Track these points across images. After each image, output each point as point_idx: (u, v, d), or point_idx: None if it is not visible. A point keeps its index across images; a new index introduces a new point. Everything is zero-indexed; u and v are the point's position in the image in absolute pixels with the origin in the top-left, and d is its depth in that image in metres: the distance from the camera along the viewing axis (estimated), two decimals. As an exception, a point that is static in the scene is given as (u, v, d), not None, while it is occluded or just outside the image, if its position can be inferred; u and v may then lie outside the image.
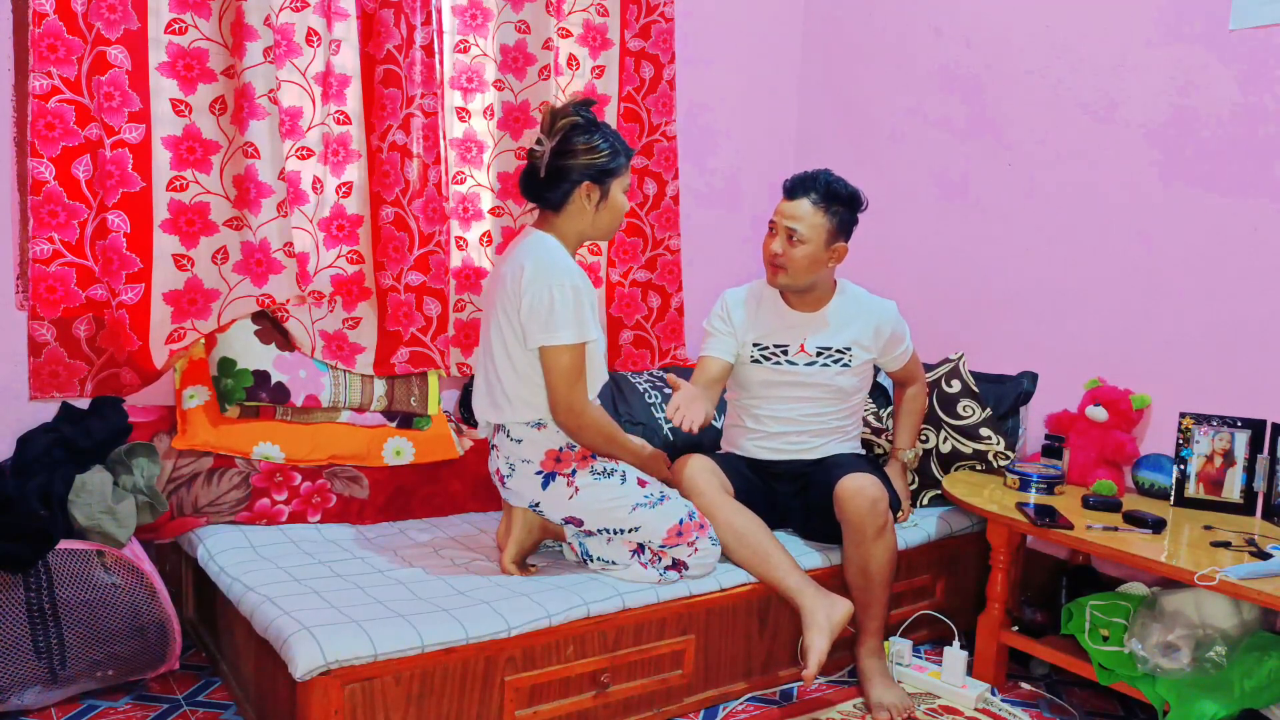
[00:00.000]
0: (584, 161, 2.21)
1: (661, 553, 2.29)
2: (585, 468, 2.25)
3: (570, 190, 2.23)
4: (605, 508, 2.25)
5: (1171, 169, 2.71)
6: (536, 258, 2.18)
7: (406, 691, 1.94)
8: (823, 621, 2.26)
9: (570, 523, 2.30)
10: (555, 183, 2.22)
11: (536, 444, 2.24)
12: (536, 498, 2.27)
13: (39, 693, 2.16)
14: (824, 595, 2.31)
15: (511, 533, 2.34)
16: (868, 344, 2.62)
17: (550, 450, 2.24)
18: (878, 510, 2.35)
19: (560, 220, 2.27)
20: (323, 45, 2.70)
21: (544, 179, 2.22)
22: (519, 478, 2.27)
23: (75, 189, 2.46)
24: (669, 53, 3.26)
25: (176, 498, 2.46)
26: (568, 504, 2.26)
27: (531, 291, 2.14)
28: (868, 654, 2.40)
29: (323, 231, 2.80)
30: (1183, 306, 2.69)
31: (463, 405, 3.11)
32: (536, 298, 2.14)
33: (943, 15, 3.26)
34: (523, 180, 2.29)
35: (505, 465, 2.29)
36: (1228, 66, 2.58)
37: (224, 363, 2.59)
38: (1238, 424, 2.52)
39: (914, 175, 3.37)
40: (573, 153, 2.21)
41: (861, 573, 2.37)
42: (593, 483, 2.25)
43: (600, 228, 2.31)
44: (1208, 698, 2.11)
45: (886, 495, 2.39)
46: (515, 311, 2.18)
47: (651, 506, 2.28)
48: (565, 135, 2.21)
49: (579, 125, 2.22)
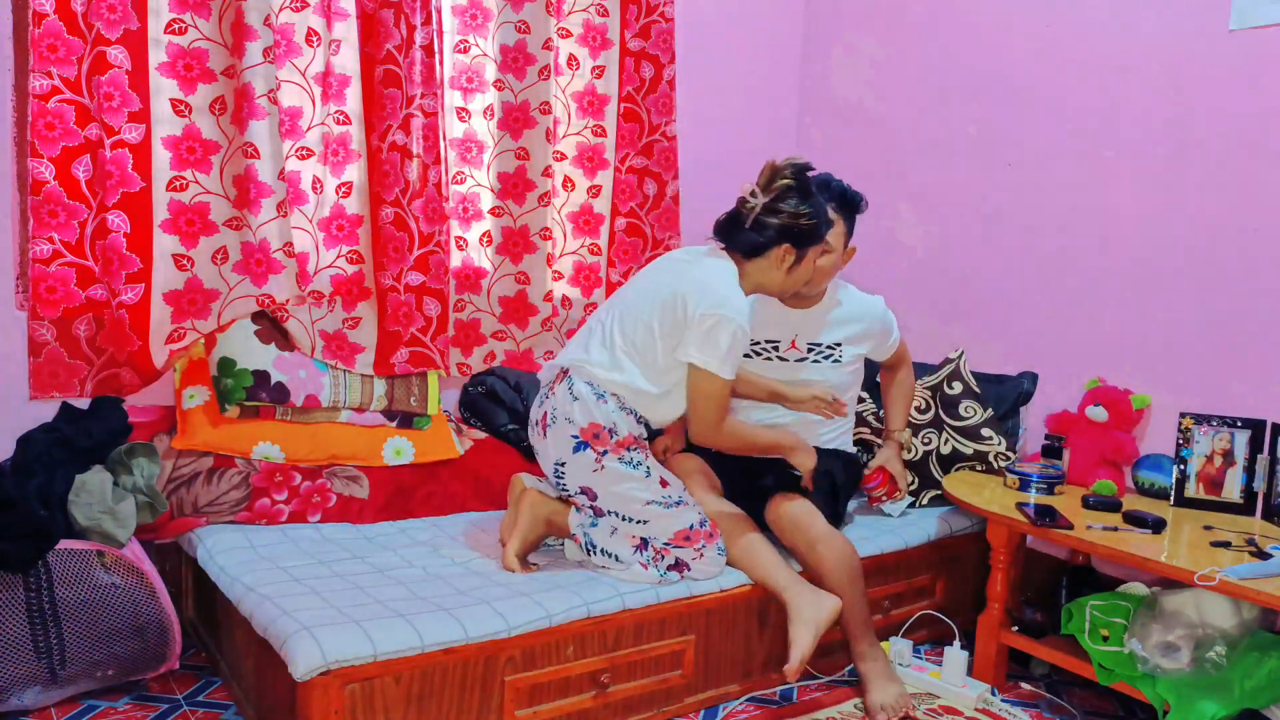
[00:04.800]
0: (790, 224, 2.29)
1: (665, 550, 2.30)
2: (616, 454, 2.28)
3: (768, 246, 2.31)
4: (621, 491, 2.28)
5: (1171, 169, 2.71)
6: (729, 286, 2.28)
7: (406, 691, 1.94)
8: (808, 617, 2.28)
9: (584, 493, 2.32)
10: (756, 233, 2.30)
11: (589, 411, 2.27)
12: (564, 458, 2.30)
13: (39, 693, 2.16)
14: (811, 591, 2.33)
15: (518, 523, 2.36)
16: (858, 340, 2.66)
17: (595, 424, 2.27)
18: (799, 527, 2.41)
19: (747, 265, 2.34)
20: (323, 45, 2.70)
21: (748, 229, 2.30)
22: (557, 432, 2.30)
23: (75, 189, 2.46)
24: (669, 53, 3.26)
25: (176, 498, 2.46)
26: (589, 474, 2.29)
27: (713, 314, 2.22)
28: (859, 658, 2.40)
29: (323, 231, 2.80)
30: (1183, 306, 2.69)
31: (463, 405, 3.11)
32: (714, 322, 2.21)
33: (943, 16, 3.27)
34: (724, 223, 2.36)
35: (551, 415, 2.32)
36: (1227, 66, 2.59)
37: (224, 363, 2.60)
38: (1238, 424, 2.52)
39: (914, 175, 3.36)
40: (781, 213, 2.28)
41: (817, 580, 2.39)
42: (618, 468, 2.28)
43: (783, 285, 2.38)
44: (1208, 698, 2.11)
45: (811, 510, 2.44)
46: (682, 318, 2.24)
47: (666, 507, 2.30)
48: (780, 194, 2.28)
49: (793, 188, 2.28)
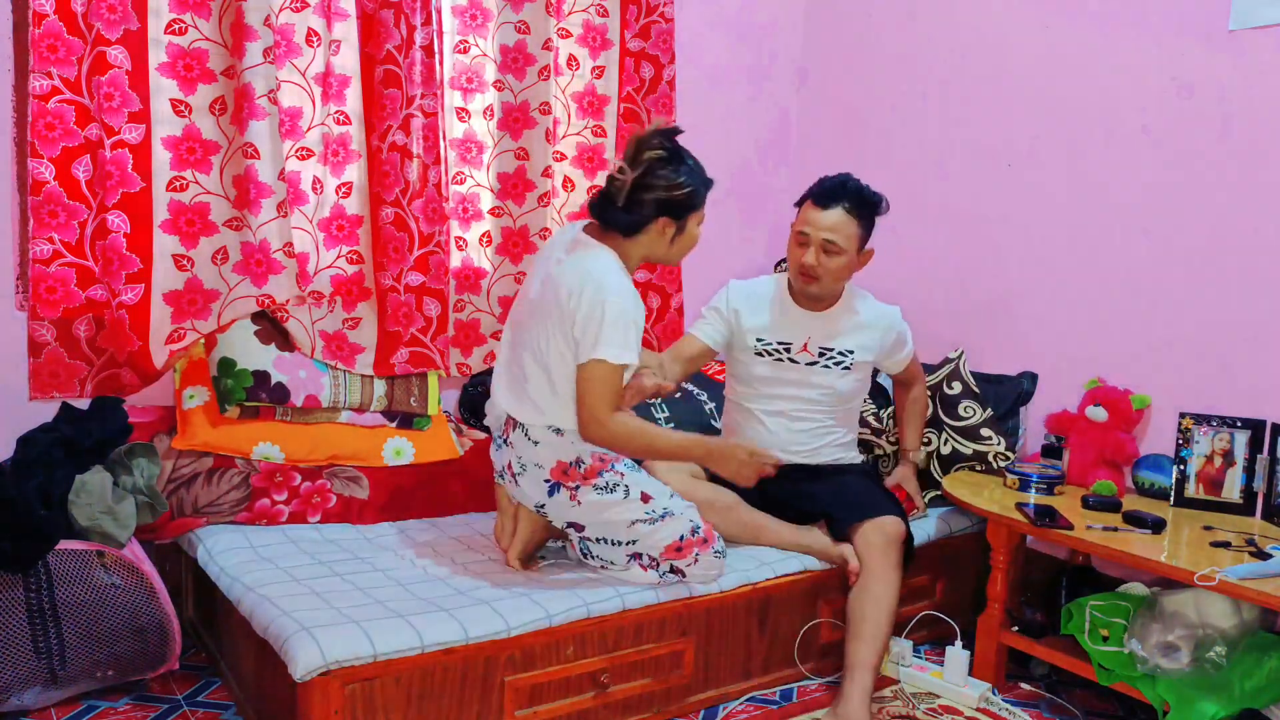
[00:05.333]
0: (665, 196, 2.18)
1: (660, 560, 2.29)
2: (589, 484, 2.23)
3: (646, 222, 2.20)
4: (606, 518, 2.25)
5: (1171, 169, 2.71)
6: (599, 277, 2.15)
7: (406, 692, 1.94)
8: (824, 540, 2.52)
9: (572, 527, 2.30)
10: (631, 212, 2.19)
11: (552, 450, 2.22)
12: (542, 501, 2.27)
13: (39, 693, 2.16)
14: (812, 530, 2.54)
15: (518, 529, 2.36)
16: (870, 349, 2.64)
17: (561, 462, 2.22)
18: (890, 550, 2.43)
19: (628, 244, 2.24)
20: (322, 45, 2.70)
21: (620, 207, 2.19)
22: (529, 479, 2.26)
23: (75, 189, 2.46)
24: (669, 53, 3.26)
25: (176, 498, 2.46)
26: (571, 511, 2.26)
27: (586, 308, 2.12)
28: (858, 668, 2.31)
29: (323, 232, 2.80)
30: (1183, 306, 2.69)
31: (463, 405, 3.11)
32: (589, 314, 2.11)
33: (942, 16, 3.26)
34: (597, 203, 2.24)
35: (517, 464, 2.28)
36: (1228, 66, 2.58)
37: (224, 363, 2.60)
38: (1238, 424, 2.52)
39: (914, 176, 3.36)
40: (654, 186, 2.17)
41: (864, 602, 2.38)
42: (596, 498, 2.23)
43: (669, 256, 2.31)
44: (1208, 698, 2.11)
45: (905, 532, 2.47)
46: (570, 325, 2.14)
47: (651, 523, 2.25)
48: (649, 167, 2.16)
49: (663, 158, 2.17)
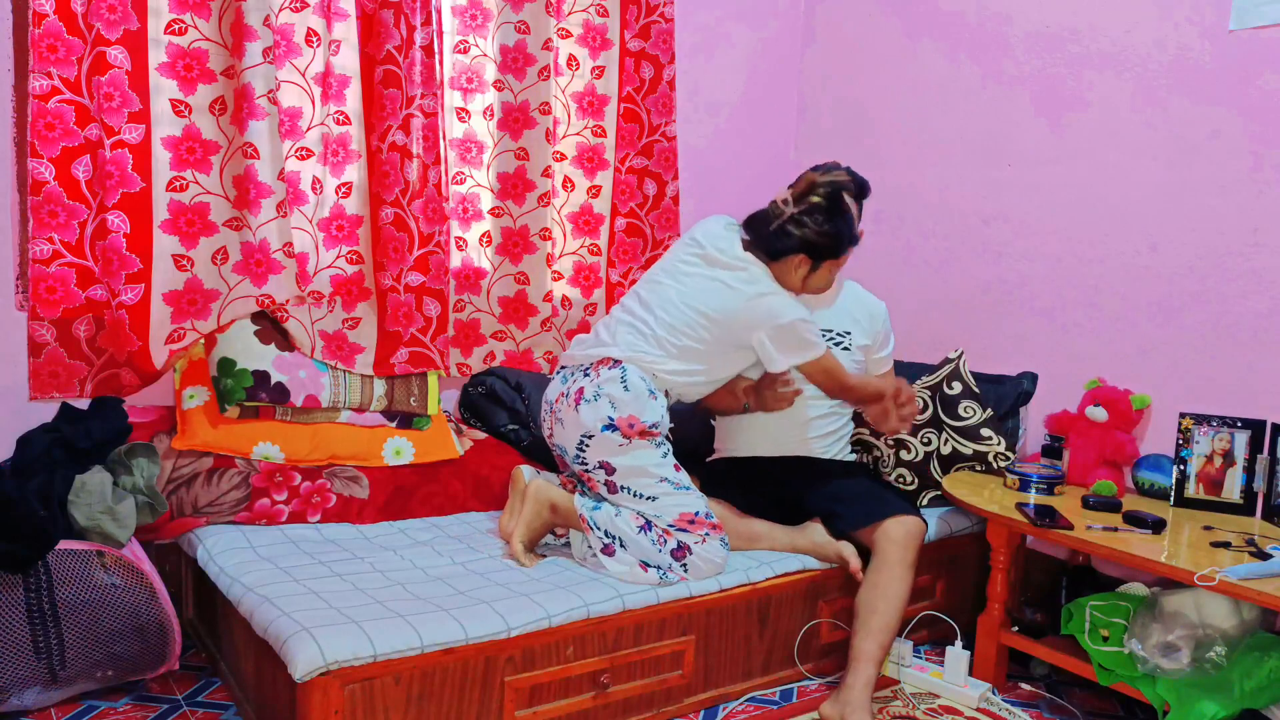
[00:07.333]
0: (810, 237, 2.40)
1: (669, 533, 2.31)
2: (644, 439, 2.35)
3: (786, 252, 2.42)
4: (640, 465, 2.34)
5: (1171, 169, 2.71)
6: (772, 292, 2.41)
7: (406, 692, 1.94)
8: (822, 537, 2.53)
9: (602, 467, 2.37)
10: (778, 239, 2.41)
11: (639, 403, 2.34)
12: (592, 431, 2.34)
13: (39, 693, 2.16)
14: (808, 530, 2.55)
15: (523, 517, 2.38)
16: (865, 330, 2.67)
17: (634, 416, 2.33)
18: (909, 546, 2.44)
19: (770, 265, 2.44)
20: (322, 45, 2.70)
21: (771, 232, 2.41)
22: (592, 409, 2.34)
23: (75, 189, 2.46)
24: (669, 53, 3.26)
25: (176, 498, 2.46)
26: (612, 450, 2.34)
27: (778, 323, 2.39)
28: (861, 658, 2.31)
29: (322, 232, 2.80)
30: (1183, 306, 2.69)
31: (463, 405, 3.11)
32: (783, 330, 2.39)
33: (942, 16, 3.26)
34: (753, 221, 2.46)
35: (591, 391, 2.36)
36: (1228, 66, 2.58)
37: (224, 363, 2.60)
38: (1238, 424, 2.52)
39: (914, 176, 3.36)
40: (805, 225, 2.39)
41: (875, 596, 2.37)
42: (642, 446, 2.34)
43: (793, 287, 2.48)
44: (1208, 698, 2.11)
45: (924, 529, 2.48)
46: (747, 339, 2.41)
47: (677, 488, 2.36)
48: (810, 208, 2.39)
49: (824, 206, 2.39)
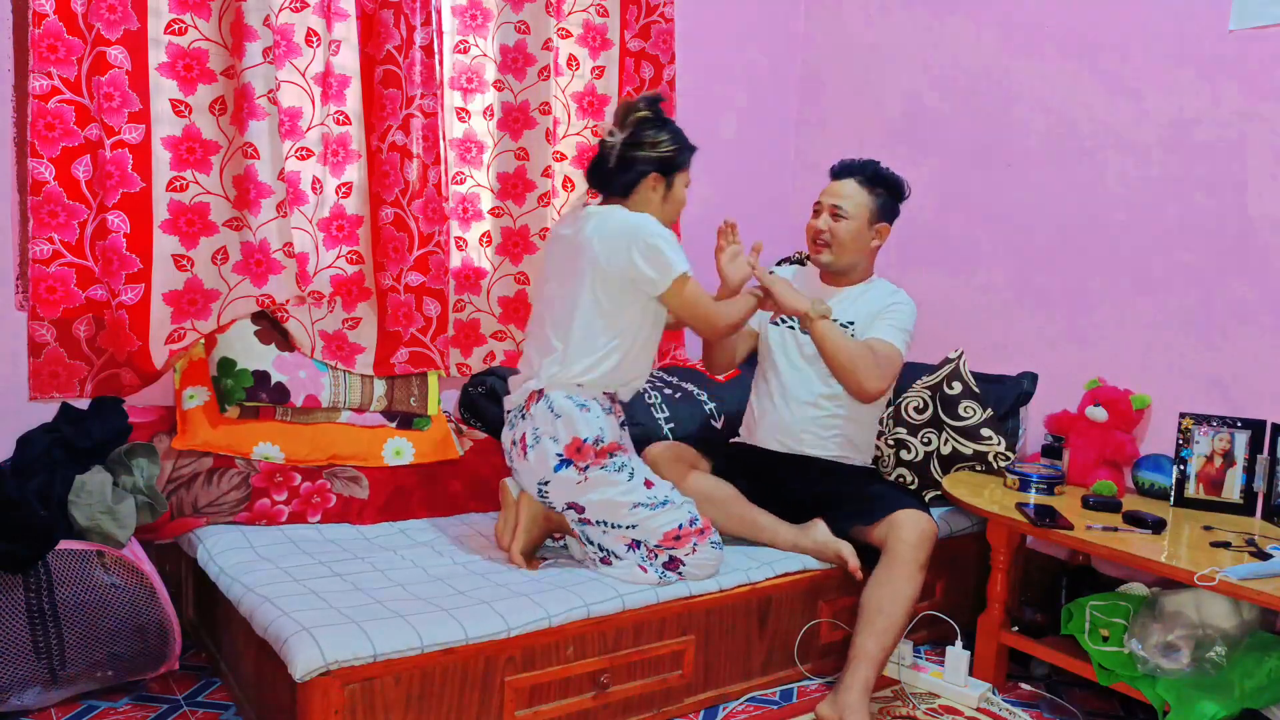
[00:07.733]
0: (652, 154, 2.35)
1: (658, 550, 2.30)
2: (599, 464, 2.28)
3: (637, 180, 2.37)
4: (608, 500, 2.28)
5: (1171, 169, 2.71)
6: (623, 213, 2.32)
7: (406, 692, 1.94)
8: (824, 536, 2.50)
9: (571, 508, 2.32)
10: (624, 171, 2.36)
11: (573, 425, 2.27)
12: (548, 476, 2.29)
13: (39, 693, 2.16)
14: (810, 530, 2.52)
15: (520, 524, 2.37)
16: (868, 318, 2.63)
17: (578, 439, 2.27)
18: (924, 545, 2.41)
19: (627, 204, 2.38)
20: (322, 45, 2.70)
21: (613, 168, 2.36)
22: (539, 453, 2.29)
23: (75, 189, 2.46)
24: (669, 53, 3.26)
25: (176, 498, 2.46)
26: (574, 489, 2.29)
27: (631, 238, 2.27)
28: (860, 658, 2.30)
29: (322, 232, 2.80)
30: (1182, 306, 2.69)
31: (463, 405, 3.11)
32: (635, 241, 2.27)
33: (943, 16, 3.26)
34: (592, 168, 2.42)
35: (531, 435, 2.31)
36: (1228, 66, 2.58)
37: (224, 363, 2.59)
38: (1238, 424, 2.52)
39: (914, 176, 3.34)
40: (642, 145, 2.35)
41: (884, 597, 2.35)
42: (603, 476, 2.28)
43: (660, 218, 2.40)
44: (1208, 698, 2.11)
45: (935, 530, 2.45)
46: (625, 266, 2.27)
47: (652, 508, 2.29)
48: (636, 128, 2.35)
49: (649, 119, 2.36)
